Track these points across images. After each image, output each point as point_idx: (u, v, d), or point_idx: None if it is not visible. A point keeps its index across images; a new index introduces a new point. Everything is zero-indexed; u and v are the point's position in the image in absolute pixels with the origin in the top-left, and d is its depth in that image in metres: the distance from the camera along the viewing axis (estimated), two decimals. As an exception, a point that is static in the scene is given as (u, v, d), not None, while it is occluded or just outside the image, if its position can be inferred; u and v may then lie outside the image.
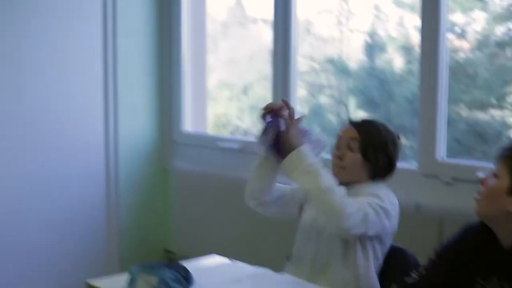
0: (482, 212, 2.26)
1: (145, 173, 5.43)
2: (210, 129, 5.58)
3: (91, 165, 5.18)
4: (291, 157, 2.60)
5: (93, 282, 2.74)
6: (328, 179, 2.56)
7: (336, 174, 2.75)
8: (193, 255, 3.18)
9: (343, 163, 2.77)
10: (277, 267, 4.02)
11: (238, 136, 5.40)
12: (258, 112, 2.82)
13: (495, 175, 2.22)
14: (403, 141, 4.43)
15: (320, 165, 2.58)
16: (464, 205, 3.51)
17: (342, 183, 2.74)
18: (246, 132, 5.40)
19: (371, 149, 2.74)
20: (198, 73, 5.49)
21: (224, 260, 3.03)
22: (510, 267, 2.19)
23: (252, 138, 5.15)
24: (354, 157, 2.75)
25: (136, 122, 5.37)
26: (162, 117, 5.49)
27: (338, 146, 2.81)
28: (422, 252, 3.61)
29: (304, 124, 2.77)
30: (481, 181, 2.27)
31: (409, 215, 3.72)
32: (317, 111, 4.89)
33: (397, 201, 2.80)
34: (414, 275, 2.36)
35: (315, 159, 2.60)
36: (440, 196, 3.75)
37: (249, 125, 5.50)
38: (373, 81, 4.53)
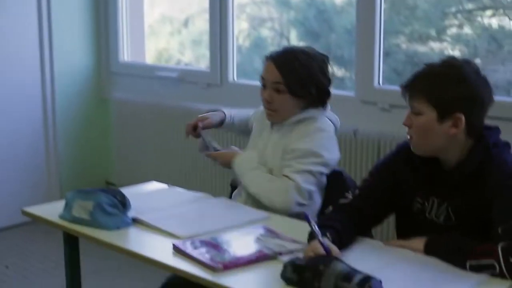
0: (422, 149, 2.25)
1: (83, 104, 5.40)
2: (151, 63, 5.54)
3: (28, 96, 5.13)
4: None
5: (29, 209, 2.72)
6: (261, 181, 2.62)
7: (269, 117, 2.74)
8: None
9: (274, 105, 2.70)
10: (218, 194, 4.07)
11: (176, 65, 5.36)
12: (198, 46, 2.83)
13: (417, 113, 2.19)
14: (343, 71, 4.47)
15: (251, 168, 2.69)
16: (400, 130, 3.58)
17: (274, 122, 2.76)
18: (187, 65, 5.37)
19: (299, 87, 2.66)
20: (137, 3, 5.41)
21: (163, 186, 3.02)
22: (452, 187, 2.21)
23: (189, 67, 5.15)
24: (283, 99, 2.68)
25: (73, 52, 5.31)
26: (99, 48, 5.43)
27: (264, 88, 2.73)
28: (360, 175, 3.70)
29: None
30: (407, 125, 2.25)
31: (348, 141, 3.78)
32: (258, 44, 4.88)
33: (332, 128, 2.78)
34: (348, 195, 2.38)
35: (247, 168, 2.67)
36: (377, 121, 3.80)
37: (191, 59, 5.47)
38: (313, 13, 4.52)
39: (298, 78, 2.65)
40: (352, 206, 2.33)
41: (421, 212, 2.29)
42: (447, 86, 2.14)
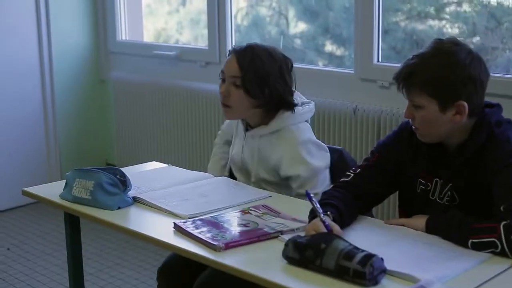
0: (429, 139, 2.22)
1: (81, 84, 5.40)
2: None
3: (26, 78, 5.12)
4: None
5: (30, 189, 2.72)
6: None
7: (224, 113, 2.69)
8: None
9: (229, 101, 2.63)
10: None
11: (174, 44, 5.35)
12: (196, 25, 2.73)
13: (418, 106, 2.14)
14: (341, 50, 4.46)
15: None
16: (400, 108, 3.60)
17: (230, 119, 2.74)
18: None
19: (254, 85, 2.57)
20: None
21: (163, 165, 3.02)
22: (455, 168, 2.20)
23: (188, 45, 5.14)
24: (238, 95, 2.59)
25: (71, 32, 5.30)
26: (97, 27, 5.42)
27: (223, 82, 2.67)
28: (360, 153, 3.70)
29: None
30: (409, 118, 2.21)
31: (348, 118, 3.78)
32: (257, 23, 4.86)
33: (309, 128, 2.69)
34: (349, 174, 2.38)
35: None
36: (377, 99, 3.80)
37: (189, 38, 5.45)
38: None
39: (255, 76, 2.57)
40: (353, 185, 2.32)
41: (424, 193, 2.28)
42: (444, 76, 2.10)
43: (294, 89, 2.70)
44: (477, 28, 3.75)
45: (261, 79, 2.57)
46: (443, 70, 2.10)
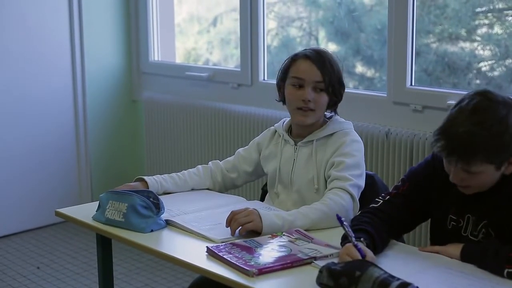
0: (474, 192, 2.18)
1: (113, 105, 5.43)
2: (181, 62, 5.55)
3: (59, 98, 5.18)
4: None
5: (63, 210, 2.73)
6: (307, 215, 2.46)
7: (303, 118, 2.69)
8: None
9: (312, 105, 2.65)
10: (250, 197, 4.07)
11: (205, 65, 5.37)
12: (227, 45, 2.76)
13: (473, 173, 2.08)
14: (372, 72, 4.45)
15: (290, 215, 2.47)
16: (432, 131, 3.56)
17: (308, 124, 2.72)
18: (216, 65, 5.37)
19: (336, 86, 2.67)
20: (166, 2, 5.43)
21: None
22: (490, 205, 2.17)
23: (220, 67, 5.15)
24: (322, 98, 2.66)
25: (104, 53, 5.34)
26: (129, 48, 5.45)
27: (300, 88, 2.68)
28: (392, 177, 3.67)
29: None
30: (462, 185, 2.15)
31: (380, 142, 3.76)
32: (287, 44, 4.87)
33: (359, 137, 2.74)
34: (379, 200, 2.37)
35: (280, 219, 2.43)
36: (409, 123, 3.77)
37: (219, 58, 5.47)
38: (342, 12, 4.50)
39: (335, 77, 2.66)
40: (381, 211, 2.30)
41: (456, 230, 2.25)
42: (497, 140, 2.05)
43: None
44: (509, 51, 3.73)
45: (339, 81, 2.68)
46: (500, 137, 2.05)
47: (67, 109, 5.20)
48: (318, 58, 2.67)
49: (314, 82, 2.65)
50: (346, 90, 2.77)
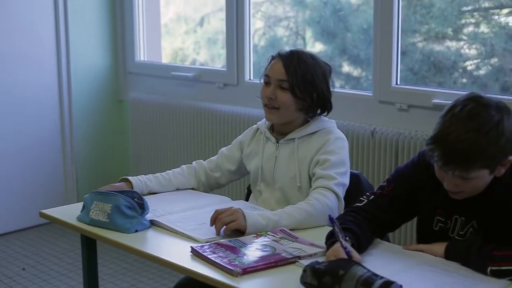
0: (466, 197, 2.17)
1: (99, 104, 5.42)
2: (167, 62, 5.54)
3: (45, 98, 5.16)
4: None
5: (47, 211, 2.71)
6: (292, 215, 2.45)
7: (269, 115, 2.71)
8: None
9: (276, 103, 2.67)
10: (235, 197, 4.07)
11: (191, 65, 5.36)
12: (214, 45, 2.75)
13: (468, 178, 2.06)
14: (359, 71, 4.45)
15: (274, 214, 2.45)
16: (418, 130, 3.58)
17: (278, 124, 2.73)
18: (202, 65, 5.36)
19: (302, 88, 2.64)
20: (153, 3, 5.42)
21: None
22: (479, 206, 2.17)
23: (206, 67, 5.15)
24: (286, 97, 2.65)
25: (89, 53, 5.33)
26: (115, 48, 5.44)
27: (267, 85, 2.71)
28: (378, 176, 3.68)
29: None
30: (454, 190, 2.13)
31: (365, 141, 3.77)
32: (274, 43, 4.86)
33: (343, 135, 2.74)
34: (364, 199, 2.36)
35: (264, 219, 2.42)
36: (395, 121, 3.78)
37: (206, 58, 5.47)
38: (329, 12, 4.50)
39: (302, 79, 2.64)
40: (365, 211, 2.30)
41: (443, 231, 2.25)
42: (495, 145, 2.04)
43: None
44: (495, 50, 3.74)
45: (307, 82, 2.65)
46: (497, 142, 2.04)
47: (52, 109, 5.18)
48: (288, 57, 2.68)
49: (278, 80, 2.67)
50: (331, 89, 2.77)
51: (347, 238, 2.10)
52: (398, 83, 3.82)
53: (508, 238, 2.10)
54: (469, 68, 3.94)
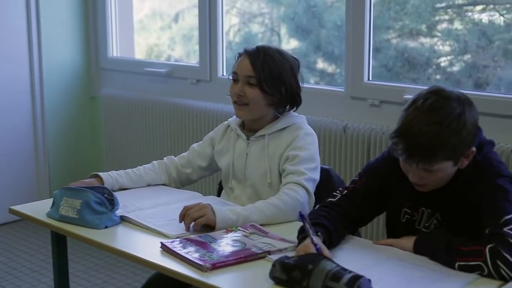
0: (431, 189, 2.20)
1: (72, 100, 5.40)
2: (142, 58, 5.52)
3: (16, 94, 5.12)
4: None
5: (17, 207, 2.69)
6: (262, 210, 2.45)
7: (238, 112, 2.71)
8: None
9: (245, 99, 2.67)
10: (207, 193, 4.06)
11: (165, 61, 5.35)
12: (189, 41, 2.74)
13: (433, 171, 2.09)
14: (333, 67, 4.46)
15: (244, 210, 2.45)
16: (390, 126, 3.59)
17: (249, 120, 2.74)
18: (177, 61, 5.35)
19: (270, 83, 2.64)
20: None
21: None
22: (442, 198, 2.19)
23: (179, 63, 5.14)
24: (254, 93, 2.65)
25: (61, 49, 5.30)
26: (88, 44, 5.41)
27: (235, 82, 2.71)
28: (350, 171, 3.69)
29: None
30: (419, 182, 2.15)
31: (338, 137, 3.78)
32: (249, 40, 4.86)
33: (312, 131, 2.74)
34: (337, 194, 2.36)
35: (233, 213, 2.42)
36: (367, 117, 3.80)
37: (181, 54, 5.45)
38: (303, 8, 4.50)
39: (270, 74, 2.64)
40: (338, 206, 2.31)
41: (410, 223, 2.27)
42: (457, 137, 2.06)
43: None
44: (468, 46, 3.76)
45: (275, 78, 2.65)
46: (459, 134, 2.06)
47: (24, 105, 5.15)
48: (255, 53, 2.68)
49: (245, 76, 2.67)
50: (304, 85, 2.77)
51: (318, 234, 2.11)
52: (370, 79, 3.84)
53: (472, 229, 2.11)
54: (442, 64, 3.96)
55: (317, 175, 2.62)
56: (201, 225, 2.35)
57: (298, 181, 2.54)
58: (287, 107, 2.74)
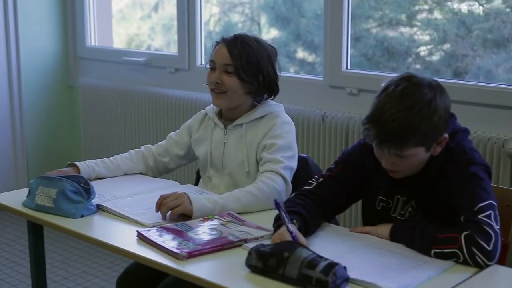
0: (404, 175, 2.19)
1: (50, 90, 5.37)
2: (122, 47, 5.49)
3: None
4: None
5: (-8, 197, 2.68)
6: (239, 199, 2.45)
7: (216, 100, 2.70)
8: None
9: (223, 87, 2.66)
10: (185, 182, 4.05)
11: (144, 50, 5.33)
12: (169, 30, 2.72)
13: (404, 156, 2.09)
14: (313, 56, 4.45)
15: (221, 198, 2.44)
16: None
17: (226, 109, 2.73)
18: (157, 51, 5.32)
19: (247, 71, 2.64)
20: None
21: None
22: (417, 186, 2.20)
23: (157, 52, 5.12)
24: (232, 81, 2.64)
25: (39, 38, 5.26)
26: (66, 33, 5.38)
27: (213, 70, 2.70)
28: (328, 159, 3.69)
29: None
30: (393, 170, 2.16)
31: (316, 125, 3.78)
32: (229, 29, 4.85)
33: (290, 119, 2.74)
34: (313, 182, 2.36)
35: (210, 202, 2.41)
36: (345, 106, 3.80)
37: (162, 44, 5.43)
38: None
39: (247, 63, 2.64)
40: (314, 193, 2.31)
41: (385, 210, 2.28)
42: (427, 122, 2.07)
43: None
44: (447, 36, 3.76)
45: (252, 65, 2.64)
46: (429, 119, 2.07)
47: (2, 95, 5.11)
48: (232, 41, 2.67)
49: (223, 64, 2.66)
50: (283, 74, 2.77)
51: (294, 221, 2.10)
52: (349, 67, 3.84)
53: (447, 216, 2.12)
54: (422, 53, 3.97)
55: (294, 164, 2.62)
56: (177, 215, 2.34)
57: (275, 169, 2.53)
58: (265, 96, 2.73)
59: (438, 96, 2.10)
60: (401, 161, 2.12)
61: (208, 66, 2.73)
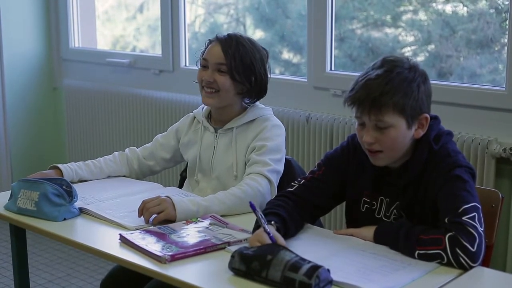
0: (390, 161, 2.19)
1: (33, 92, 5.34)
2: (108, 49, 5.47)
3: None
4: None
5: (-27, 200, 2.65)
6: (223, 201, 2.45)
7: (207, 99, 2.68)
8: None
9: (215, 85, 2.65)
10: (168, 184, 4.04)
11: (128, 51, 5.31)
12: (154, 32, 2.71)
13: (385, 127, 2.11)
14: (298, 58, 4.45)
15: (204, 200, 2.44)
16: (352, 116, 3.57)
17: (216, 109, 2.72)
18: (143, 52, 5.31)
19: (240, 71, 2.63)
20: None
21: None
22: (401, 187, 2.20)
23: (141, 53, 5.11)
24: (224, 80, 2.63)
25: (22, 39, 5.23)
26: (49, 34, 5.36)
27: (205, 69, 2.69)
28: (313, 161, 3.69)
29: None
30: (372, 142, 2.14)
31: (300, 127, 3.77)
32: (214, 30, 4.84)
33: (280, 123, 2.73)
34: (295, 184, 2.36)
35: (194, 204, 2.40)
36: (329, 107, 3.79)
37: (147, 45, 5.42)
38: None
39: (241, 63, 2.63)
40: (296, 195, 2.30)
41: (369, 212, 2.28)
42: (406, 85, 2.09)
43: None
44: (432, 36, 3.77)
45: (246, 66, 2.64)
46: (410, 86, 2.10)
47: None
48: (227, 41, 2.66)
49: (216, 63, 2.65)
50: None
51: (272, 223, 2.10)
52: (333, 69, 3.84)
53: (431, 218, 2.12)
54: (406, 54, 3.97)
55: (281, 167, 2.61)
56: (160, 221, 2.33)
57: (261, 172, 2.53)
58: (254, 98, 2.73)
59: (418, 72, 2.15)
60: (382, 136, 2.12)
61: (199, 64, 2.72)
